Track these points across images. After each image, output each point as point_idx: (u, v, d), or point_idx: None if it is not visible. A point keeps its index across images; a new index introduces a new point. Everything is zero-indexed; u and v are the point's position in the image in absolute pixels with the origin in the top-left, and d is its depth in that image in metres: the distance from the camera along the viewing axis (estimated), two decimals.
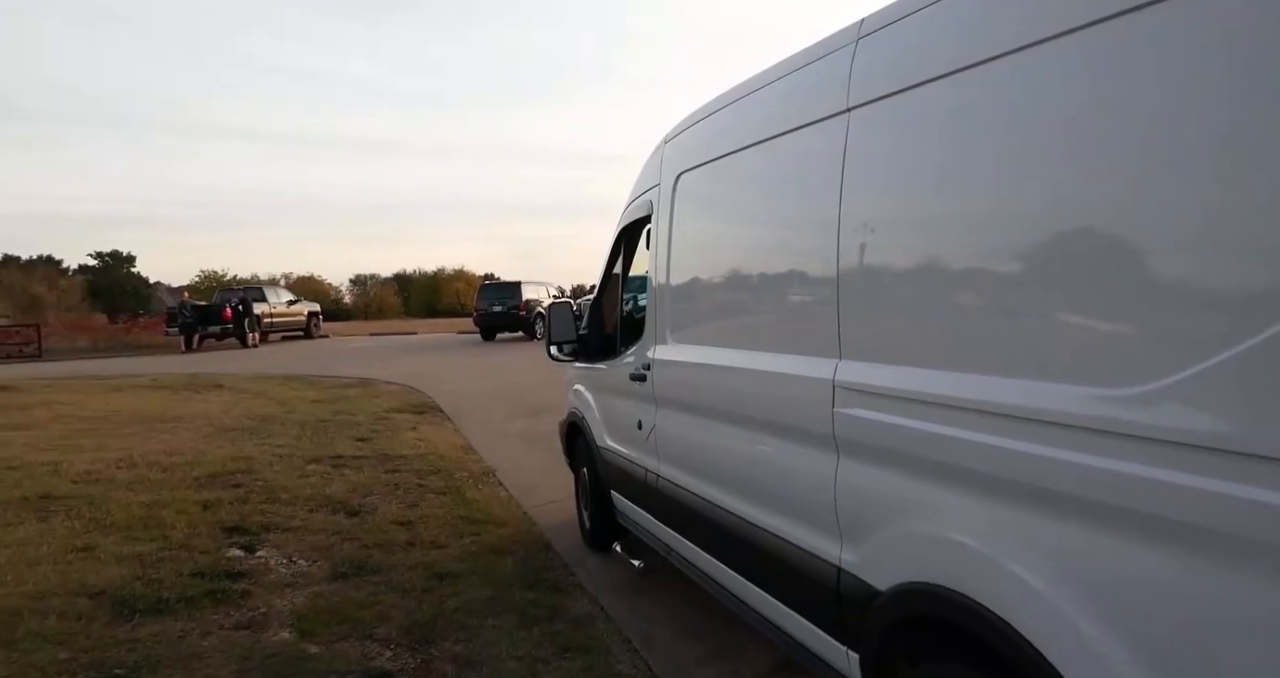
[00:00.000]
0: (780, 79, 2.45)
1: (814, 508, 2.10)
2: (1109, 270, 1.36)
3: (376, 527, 4.66)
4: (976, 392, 1.57)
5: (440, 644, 3.10)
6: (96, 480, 5.56)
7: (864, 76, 1.99)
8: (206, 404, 9.82)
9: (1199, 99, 1.21)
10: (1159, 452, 1.22)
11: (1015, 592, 1.45)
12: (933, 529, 1.69)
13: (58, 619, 3.15)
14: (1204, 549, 1.15)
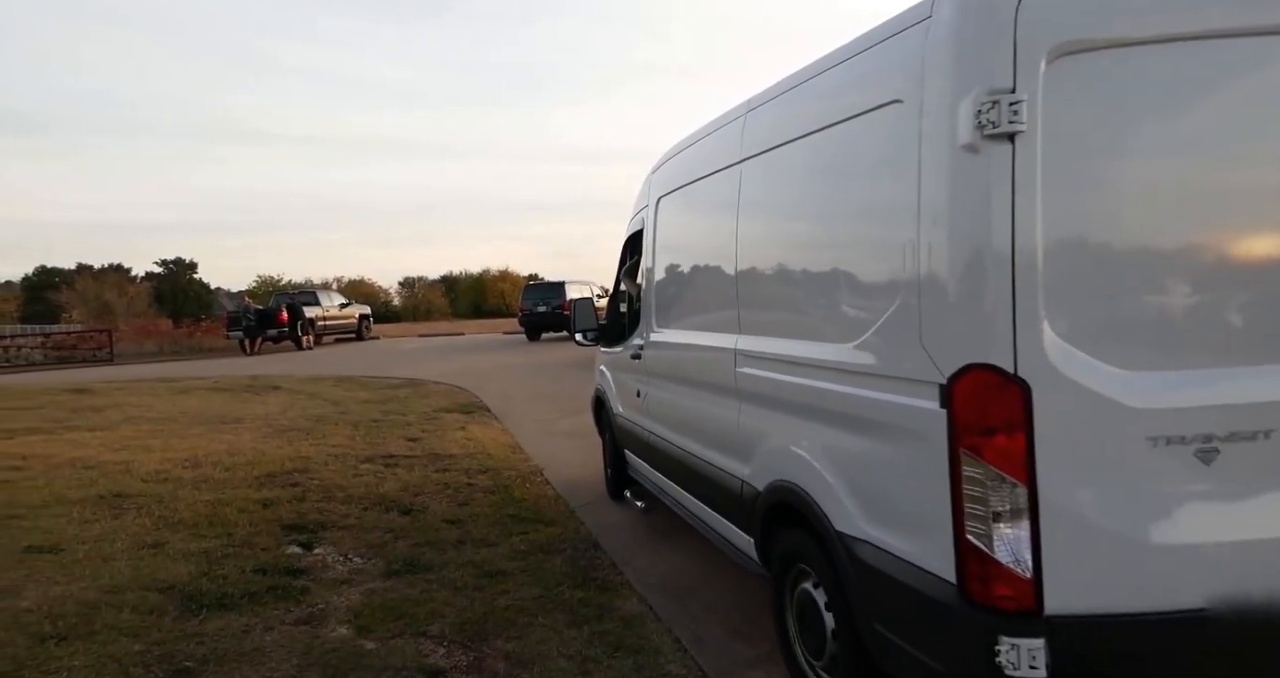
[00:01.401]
0: (710, 134, 3.47)
1: (730, 441, 3.05)
2: (836, 282, 2.41)
3: (428, 525, 4.75)
4: (791, 350, 2.59)
5: (492, 642, 3.14)
6: (165, 480, 5.79)
7: (750, 139, 2.98)
8: (265, 405, 10.16)
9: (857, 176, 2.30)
10: (858, 379, 2.19)
11: (809, 473, 2.42)
12: (778, 444, 2.66)
13: (131, 613, 3.29)
14: (873, 429, 2.12)
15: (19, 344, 23.01)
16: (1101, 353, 1.75)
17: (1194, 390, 1.76)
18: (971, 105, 1.73)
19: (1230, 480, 1.75)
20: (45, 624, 3.10)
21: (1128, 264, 1.79)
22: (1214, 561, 1.74)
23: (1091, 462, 1.76)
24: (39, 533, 4.34)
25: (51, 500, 5.01)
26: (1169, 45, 1.74)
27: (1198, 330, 1.81)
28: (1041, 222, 1.72)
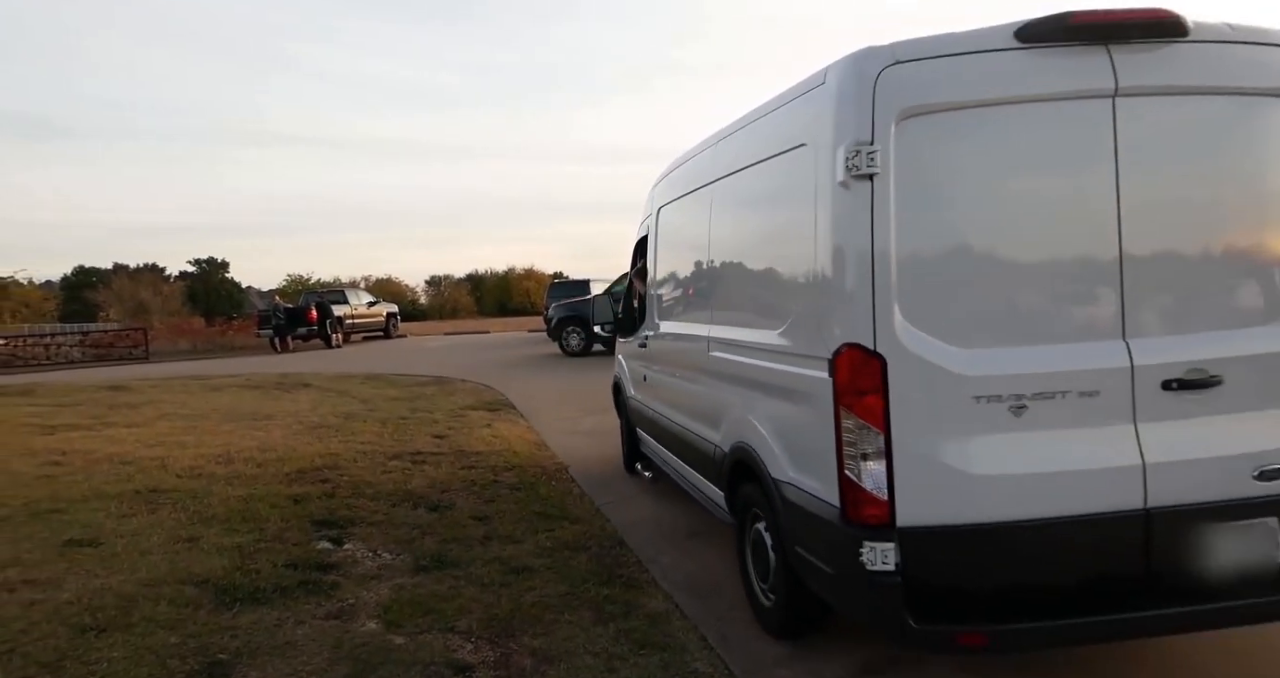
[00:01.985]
0: (693, 157, 4.17)
1: (707, 413, 3.75)
2: (771, 285, 3.09)
3: (455, 522, 4.78)
4: (742, 335, 3.30)
5: (519, 638, 3.15)
6: (198, 475, 5.90)
7: (717, 165, 3.71)
8: (295, 403, 10.31)
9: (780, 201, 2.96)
10: (782, 358, 2.83)
11: (756, 435, 3.06)
12: (738, 413, 3.29)
13: (167, 605, 3.35)
14: (792, 395, 2.77)
15: (58, 342, 23.62)
16: (939, 335, 2.39)
17: (1009, 363, 2.39)
18: (844, 152, 2.38)
19: (1035, 429, 2.38)
20: (85, 616, 3.18)
21: (958, 269, 2.43)
22: (1021, 487, 2.37)
23: (931, 415, 2.38)
24: (79, 527, 4.45)
25: (91, 495, 5.13)
26: (983, 108, 2.40)
27: (1011, 318, 2.45)
28: (894, 239, 2.37)
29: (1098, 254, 2.45)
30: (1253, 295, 2.54)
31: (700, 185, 3.95)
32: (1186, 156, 2.51)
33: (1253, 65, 2.48)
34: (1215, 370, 2.44)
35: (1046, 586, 2.43)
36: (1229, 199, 2.54)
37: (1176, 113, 2.49)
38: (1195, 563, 2.42)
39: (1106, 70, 2.41)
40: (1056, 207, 2.47)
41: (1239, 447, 2.46)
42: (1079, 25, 2.39)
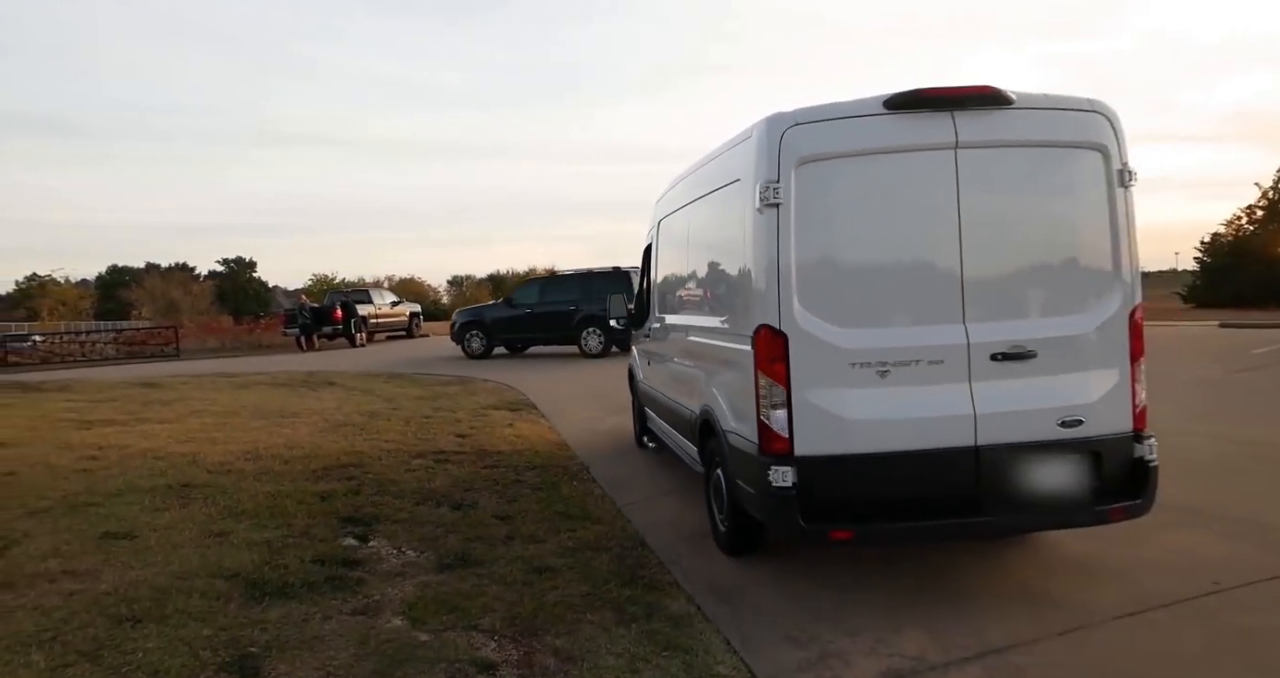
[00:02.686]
0: (682, 180, 5.12)
1: (687, 388, 4.70)
2: (720, 283, 4.13)
3: (478, 520, 4.83)
4: (705, 323, 4.32)
5: (541, 637, 3.18)
6: (228, 471, 6.01)
7: (694, 190, 4.66)
8: (320, 401, 10.46)
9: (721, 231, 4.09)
10: (726, 337, 3.87)
11: (713, 399, 3.99)
12: (704, 385, 4.22)
13: (199, 598, 3.43)
14: (731, 365, 3.77)
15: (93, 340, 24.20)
16: (826, 318, 3.33)
17: (877, 339, 3.33)
18: (760, 188, 3.33)
19: (895, 386, 3.30)
20: (121, 607, 3.26)
21: (840, 271, 3.38)
22: (884, 428, 3.29)
23: (819, 376, 3.31)
24: (115, 520, 4.56)
25: (125, 489, 5.25)
26: (858, 156, 3.33)
27: (879, 306, 3.38)
28: (794, 250, 3.30)
29: (944, 262, 3.38)
30: (1057, 293, 3.50)
31: (684, 204, 5.02)
32: (1010, 191, 3.46)
33: (1059, 123, 3.42)
34: (1030, 347, 3.39)
35: (900, 500, 3.34)
36: (1040, 222, 3.49)
37: (1002, 159, 3.42)
38: (1012, 486, 3.34)
39: (949, 129, 3.32)
40: (914, 227, 3.42)
41: (1047, 403, 3.40)
42: (929, 97, 3.30)
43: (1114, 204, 3.47)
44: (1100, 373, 3.49)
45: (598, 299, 15.73)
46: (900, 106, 3.30)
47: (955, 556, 4.03)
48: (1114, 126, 3.50)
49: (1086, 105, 3.47)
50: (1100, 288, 3.51)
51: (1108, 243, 3.50)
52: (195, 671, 2.76)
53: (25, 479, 5.44)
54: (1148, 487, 3.45)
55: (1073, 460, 3.41)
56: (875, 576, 3.78)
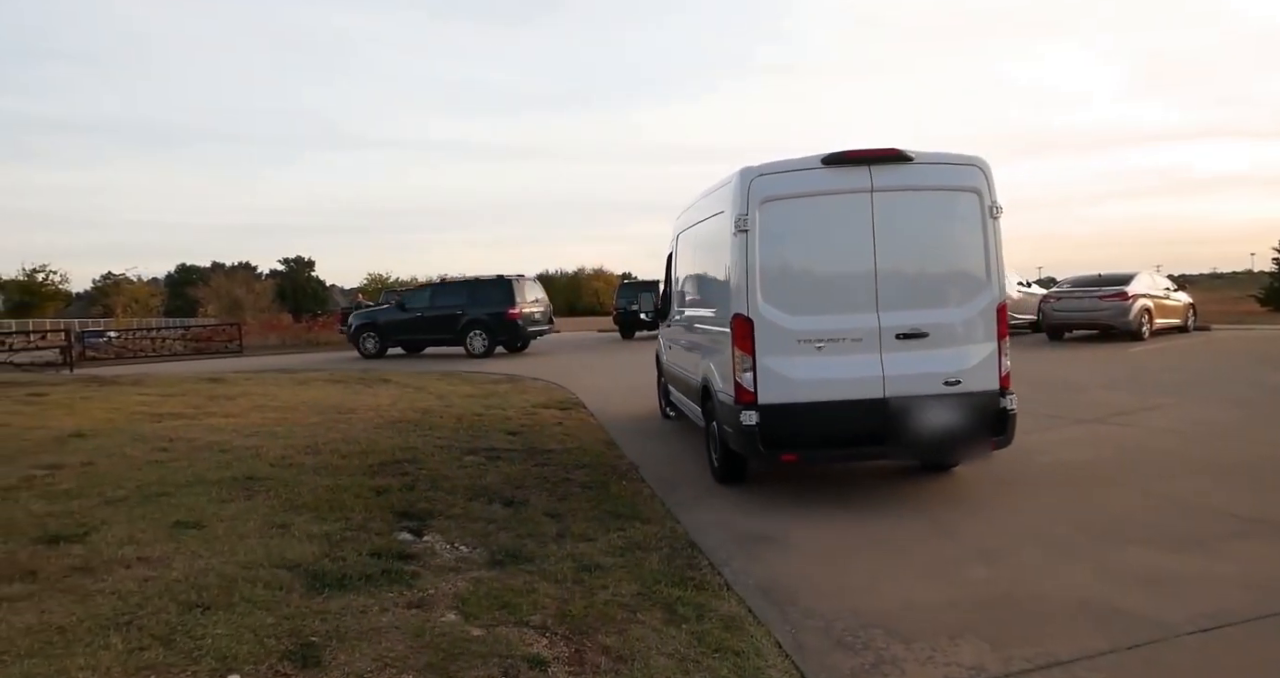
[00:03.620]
0: (693, 205, 6.51)
1: (694, 364, 6.33)
2: (712, 285, 5.76)
3: (529, 518, 4.88)
4: (704, 314, 6.10)
5: (592, 636, 3.19)
6: (289, 465, 6.21)
7: (697, 214, 6.35)
8: (376, 398, 10.72)
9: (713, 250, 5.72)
10: (715, 323, 5.62)
11: (709, 371, 5.73)
12: (704, 362, 5.96)
13: (264, 588, 3.54)
14: (719, 346, 5.45)
15: (163, 336, 25.28)
16: (780, 309, 4.85)
17: (815, 323, 4.85)
18: (735, 218, 4.90)
19: (828, 356, 4.82)
20: (191, 594, 3.39)
21: (790, 276, 4.91)
22: (818, 385, 4.82)
23: (775, 349, 4.82)
24: (184, 510, 4.74)
25: (194, 480, 5.47)
26: (803, 197, 4.84)
27: (817, 301, 4.90)
28: (759, 262, 4.84)
29: (863, 271, 4.91)
30: (943, 292, 5.05)
31: (691, 225, 6.74)
32: (910, 222, 4.96)
33: (946, 174, 4.96)
34: (924, 329, 4.92)
35: (830, 435, 4.94)
36: (932, 243, 5.05)
37: (904, 200, 4.92)
38: (910, 426, 4.90)
39: (867, 179, 4.88)
40: (842, 247, 4.96)
41: (935, 368, 4.92)
42: (853, 157, 4.87)
43: (986, 231, 5.03)
44: (975, 348, 5.05)
45: (482, 304, 17.69)
46: (833, 163, 4.92)
47: (1017, 563, 3.91)
48: (987, 175, 5.03)
49: (967, 161, 5.04)
50: (975, 289, 5.08)
51: (981, 258, 5.05)
52: (261, 658, 2.85)
53: (103, 469, 5.71)
54: (1009, 428, 5.13)
55: (954, 409, 4.96)
56: (933, 582, 3.69)
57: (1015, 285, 17.69)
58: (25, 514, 4.34)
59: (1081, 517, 4.71)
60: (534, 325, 18.23)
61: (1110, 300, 15.21)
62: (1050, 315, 16.22)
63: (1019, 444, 5.44)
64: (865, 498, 5.33)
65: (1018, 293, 17.56)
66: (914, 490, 5.52)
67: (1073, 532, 4.43)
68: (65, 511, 4.48)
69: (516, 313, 17.51)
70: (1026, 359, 13.47)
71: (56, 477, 5.32)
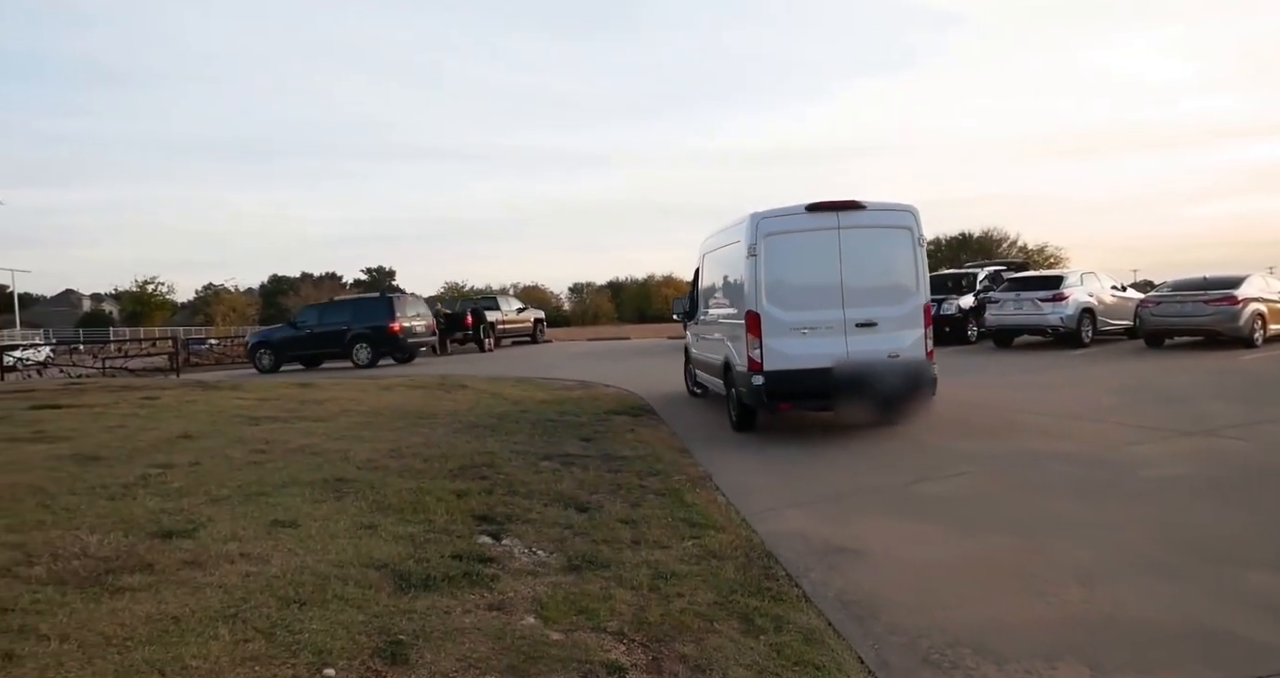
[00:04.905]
0: (717, 232, 9.53)
1: (717, 348, 9.15)
2: (731, 292, 8.52)
3: (604, 524, 4.93)
4: (725, 311, 8.86)
5: (670, 644, 3.19)
6: (375, 468, 6.46)
7: (720, 240, 9.25)
8: (454, 403, 11.05)
9: (733, 268, 8.47)
10: (735, 318, 8.23)
11: (730, 352, 8.45)
12: (724, 346, 8.69)
13: (354, 586, 3.70)
14: (736, 332, 8.14)
15: None
16: (779, 307, 7.61)
17: (802, 317, 7.60)
18: (748, 247, 7.74)
19: (810, 338, 7.56)
20: (289, 590, 3.57)
21: (784, 285, 7.65)
22: (804, 357, 7.51)
23: (775, 333, 7.58)
24: (281, 509, 5.00)
25: (289, 481, 5.76)
26: (791, 233, 7.67)
27: (802, 302, 7.65)
28: (764, 276, 7.62)
29: (833, 282, 7.54)
30: (886, 296, 7.62)
31: (715, 248, 9.41)
32: (863, 248, 7.59)
33: (888, 216, 7.70)
34: (875, 320, 7.52)
35: (811, 390, 7.49)
36: (880, 264, 7.66)
37: (860, 234, 7.58)
38: (866, 383, 7.45)
39: (834, 220, 7.54)
40: (819, 266, 7.56)
41: (882, 346, 7.50)
42: (825, 206, 7.58)
43: (915, 256, 7.67)
44: (909, 332, 7.63)
45: (365, 320, 19.44)
46: (812, 210, 7.63)
47: (1118, 584, 3.69)
48: (916, 217, 7.73)
49: (902, 207, 7.77)
50: (908, 294, 7.69)
51: (912, 274, 7.69)
52: (353, 653, 2.98)
53: (208, 469, 6.09)
54: (933, 386, 7.77)
55: (895, 372, 7.53)
56: (1025, 600, 3.53)
57: (1108, 289, 16.77)
58: (143, 510, 4.67)
59: (1190, 536, 4.42)
60: (415, 338, 19.91)
61: (1218, 305, 14.20)
62: (1149, 321, 15.27)
63: (1118, 457, 5.15)
64: (946, 510, 5.15)
65: (1111, 297, 16.64)
66: (1002, 504, 5.30)
67: (1180, 552, 4.16)
68: (176, 508, 4.80)
69: (397, 327, 19.13)
70: (1121, 368, 12.73)
71: (168, 475, 5.71)
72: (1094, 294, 16.27)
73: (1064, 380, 11.64)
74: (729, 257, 8.52)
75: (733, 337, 8.28)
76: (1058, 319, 15.69)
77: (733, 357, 8.24)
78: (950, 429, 8.15)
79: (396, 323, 19.15)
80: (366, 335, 19.24)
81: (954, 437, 7.69)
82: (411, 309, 20.38)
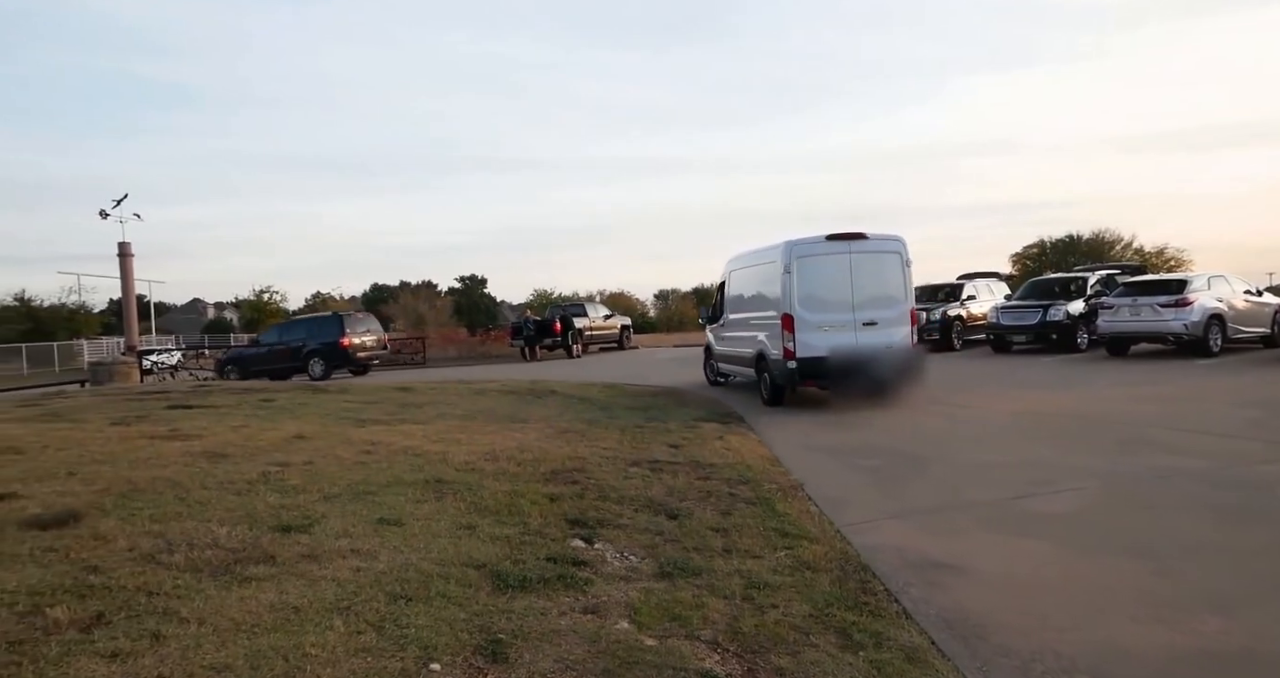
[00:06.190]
0: (746, 253, 12.90)
1: (749, 344, 12.21)
2: (761, 305, 11.82)
3: (694, 531, 4.92)
4: (761, 314, 11.81)
5: (765, 656, 3.15)
6: (472, 470, 6.69)
7: (750, 260, 12.67)
8: (545, 408, 11.30)
9: (768, 282, 11.68)
10: (772, 320, 11.24)
11: (763, 344, 11.56)
12: (759, 339, 11.70)
13: (455, 584, 3.84)
14: (773, 329, 11.19)
15: None
16: (807, 310, 10.74)
17: (823, 318, 10.73)
18: (784, 266, 10.86)
19: (831, 333, 10.66)
20: (396, 586, 3.74)
21: (811, 295, 10.76)
22: (826, 347, 10.63)
23: (804, 330, 10.68)
24: (386, 508, 5.25)
25: (393, 481, 6.04)
26: (816, 256, 10.82)
27: (824, 307, 10.76)
28: (796, 289, 10.74)
29: (846, 292, 10.71)
30: (883, 303, 10.79)
31: (747, 266, 12.51)
32: (867, 268, 10.80)
33: (884, 244, 10.97)
34: (876, 320, 10.69)
35: (831, 371, 10.59)
36: (879, 280, 10.84)
37: (864, 257, 10.82)
38: (871, 366, 10.51)
39: (847, 247, 10.79)
40: (836, 281, 10.72)
41: (883, 339, 10.65)
42: (841, 236, 10.83)
43: (904, 274, 10.83)
44: (900, 329, 10.69)
45: (319, 337, 21.57)
46: (831, 239, 10.73)
47: (1258, 614, 3.38)
48: (904, 244, 10.94)
49: (894, 237, 10.96)
50: (898, 302, 10.78)
51: (901, 288, 10.81)
52: (456, 650, 3.10)
53: (320, 468, 6.46)
54: (922, 367, 11.47)
55: (893, 357, 10.58)
56: (1150, 627, 3.28)
57: (1240, 293, 15.40)
58: (264, 505, 5.01)
59: None
60: (365, 352, 21.87)
61: None
62: None
63: (1254, 476, 4.72)
64: (1057, 527, 4.86)
65: (1243, 302, 15.28)
66: (1121, 523, 4.95)
67: None
68: (293, 504, 5.12)
69: (347, 343, 21.17)
70: (1257, 380, 11.67)
71: (285, 473, 6.10)
72: (1223, 299, 14.97)
73: (1190, 392, 10.77)
74: (765, 273, 11.55)
75: (769, 333, 11.16)
76: (1181, 326, 14.52)
77: (767, 349, 11.23)
78: (1058, 442, 7.68)
79: (347, 339, 21.15)
80: (320, 351, 21.18)
81: (1062, 450, 7.25)
82: (361, 326, 22.46)
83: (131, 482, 5.35)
